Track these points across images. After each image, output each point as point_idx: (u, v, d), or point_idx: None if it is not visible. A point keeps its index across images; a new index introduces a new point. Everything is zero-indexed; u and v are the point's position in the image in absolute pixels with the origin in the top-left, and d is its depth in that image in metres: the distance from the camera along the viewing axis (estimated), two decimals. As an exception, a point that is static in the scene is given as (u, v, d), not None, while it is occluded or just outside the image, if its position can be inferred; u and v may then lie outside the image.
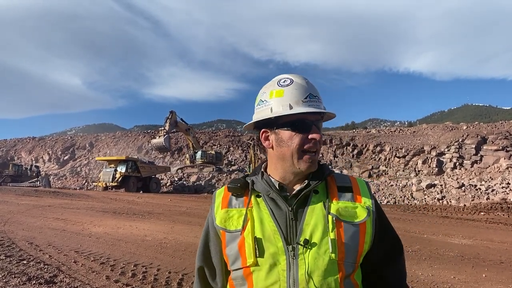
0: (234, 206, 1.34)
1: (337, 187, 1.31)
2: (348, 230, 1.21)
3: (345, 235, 1.20)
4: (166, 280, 5.52)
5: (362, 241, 1.23)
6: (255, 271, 1.21)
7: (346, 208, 1.24)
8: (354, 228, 1.22)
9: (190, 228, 10.26)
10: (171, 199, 20.37)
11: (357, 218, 1.24)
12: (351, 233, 1.21)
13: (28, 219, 10.82)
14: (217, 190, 1.45)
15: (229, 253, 1.28)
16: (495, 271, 6.60)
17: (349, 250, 1.20)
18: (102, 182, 32.03)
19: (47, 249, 7.18)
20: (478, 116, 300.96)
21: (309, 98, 1.28)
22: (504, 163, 33.07)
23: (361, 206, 1.26)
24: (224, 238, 1.31)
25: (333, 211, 1.23)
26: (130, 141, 58.60)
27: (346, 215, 1.23)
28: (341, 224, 1.21)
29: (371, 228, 1.26)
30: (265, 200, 1.30)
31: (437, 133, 43.61)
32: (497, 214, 15.74)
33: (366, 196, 1.30)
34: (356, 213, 1.24)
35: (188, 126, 39.06)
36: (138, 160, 34.97)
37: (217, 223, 1.33)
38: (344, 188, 1.31)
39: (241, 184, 1.34)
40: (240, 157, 46.26)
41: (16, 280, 5.20)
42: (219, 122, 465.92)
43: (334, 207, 1.24)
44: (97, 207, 14.83)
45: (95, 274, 5.71)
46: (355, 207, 1.26)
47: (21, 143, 64.01)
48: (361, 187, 1.32)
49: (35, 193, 20.72)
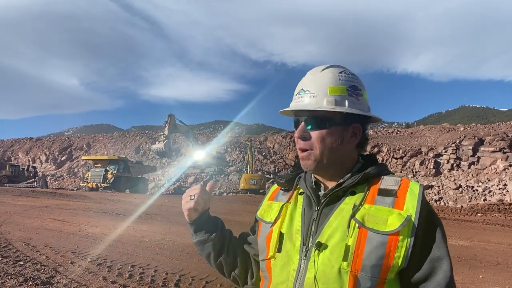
0: (278, 200, 1.35)
1: (379, 189, 1.14)
2: (372, 240, 1.05)
3: (367, 245, 1.05)
4: (163, 281, 5.51)
5: (390, 254, 1.04)
6: (273, 266, 1.21)
7: (377, 214, 1.08)
8: (381, 238, 1.05)
9: (187, 229, 10.09)
10: (168, 200, 20.33)
11: (387, 227, 1.05)
12: (376, 244, 1.05)
13: (25, 220, 10.78)
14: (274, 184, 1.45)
15: (260, 243, 1.31)
16: (492, 272, 6.62)
17: (368, 263, 1.04)
18: (91, 183, 31.17)
19: (44, 250, 7.15)
20: (476, 118, 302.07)
21: (298, 94, 1.22)
22: (501, 165, 33.19)
23: (397, 213, 1.07)
24: (259, 228, 1.34)
25: (358, 216, 1.09)
26: (127, 141, 58.53)
27: (373, 221, 1.07)
28: (365, 231, 1.06)
29: (408, 241, 1.04)
30: (304, 197, 1.27)
31: (435, 134, 43.75)
32: (494, 215, 15.79)
33: (411, 203, 1.08)
34: (387, 221, 1.06)
35: (187, 127, 38.93)
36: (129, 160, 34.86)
37: (258, 213, 1.38)
38: (387, 191, 1.12)
39: (288, 180, 1.34)
40: (238, 158, 46.24)
41: (12, 281, 5.18)
42: (217, 123, 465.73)
43: (363, 211, 1.10)
44: (94, 208, 14.78)
45: (92, 275, 5.69)
46: (390, 213, 1.07)
47: (18, 144, 63.79)
48: (409, 191, 1.11)
49: (32, 194, 20.65)
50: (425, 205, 1.09)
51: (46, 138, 68.26)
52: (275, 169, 41.63)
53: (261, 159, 44.83)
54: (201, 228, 1.40)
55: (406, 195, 1.10)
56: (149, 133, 64.43)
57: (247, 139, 53.08)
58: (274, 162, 44.51)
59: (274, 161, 44.83)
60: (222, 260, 1.39)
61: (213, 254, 1.39)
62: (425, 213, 1.08)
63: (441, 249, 1.07)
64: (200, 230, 1.40)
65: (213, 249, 1.39)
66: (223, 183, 37.32)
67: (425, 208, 1.09)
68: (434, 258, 1.07)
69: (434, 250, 1.07)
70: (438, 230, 1.10)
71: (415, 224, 1.05)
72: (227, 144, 50.17)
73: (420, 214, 1.07)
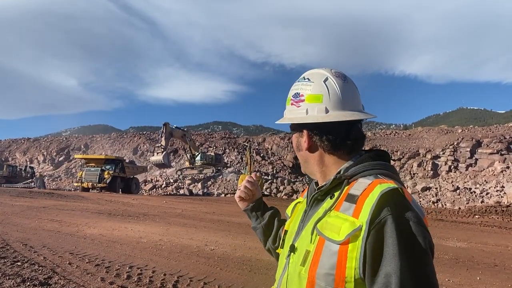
0: (304, 197, 1.38)
1: (348, 194, 1.08)
2: (327, 248, 1.02)
3: (323, 253, 1.03)
4: (161, 282, 5.51)
5: (342, 264, 0.99)
6: (280, 258, 1.33)
7: (334, 222, 1.04)
8: (333, 247, 1.01)
9: (185, 230, 10.24)
10: (166, 201, 20.32)
11: (339, 236, 1.00)
12: (329, 253, 1.01)
13: (22, 221, 10.75)
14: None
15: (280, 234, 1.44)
16: (489, 274, 6.65)
17: (322, 271, 1.01)
18: (87, 183, 30.07)
19: (42, 251, 7.14)
20: (473, 120, 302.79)
21: None
22: (498, 167, 33.30)
23: (350, 222, 1.00)
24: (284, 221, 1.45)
25: (320, 223, 1.08)
26: (125, 142, 58.45)
27: (329, 229, 1.04)
28: (322, 240, 1.05)
29: (358, 252, 0.98)
30: None
31: (432, 136, 43.87)
32: (491, 217, 15.83)
33: (367, 210, 0.99)
34: (340, 230, 1.01)
35: (183, 132, 38.68)
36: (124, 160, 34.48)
37: (287, 209, 1.46)
38: (351, 196, 1.06)
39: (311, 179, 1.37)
40: (236, 159, 46.24)
41: (10, 282, 5.17)
42: (215, 124, 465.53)
43: (327, 218, 1.07)
44: (92, 209, 14.75)
45: (90, 276, 5.69)
46: (344, 221, 1.02)
47: (16, 144, 63.65)
48: (370, 197, 1.01)
49: (29, 194, 20.58)
50: (378, 211, 0.97)
51: (44, 139, 68.13)
52: (273, 170, 41.67)
53: (259, 160, 44.86)
54: (252, 215, 1.59)
55: (365, 201, 1.01)
56: (147, 133, 64.40)
57: (245, 140, 53.13)
58: (272, 163, 44.53)
59: (272, 162, 44.85)
60: (270, 247, 1.54)
61: (263, 240, 1.57)
62: (378, 221, 0.97)
63: (391, 264, 0.94)
64: (252, 217, 1.59)
65: (261, 236, 1.56)
66: (221, 184, 37.31)
67: (379, 215, 0.97)
68: (387, 273, 0.94)
69: (385, 265, 0.95)
70: (392, 242, 0.95)
71: (365, 235, 0.97)
72: (225, 145, 50.20)
73: (370, 223, 0.97)
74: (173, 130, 35.76)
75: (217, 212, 15.40)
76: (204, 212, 15.21)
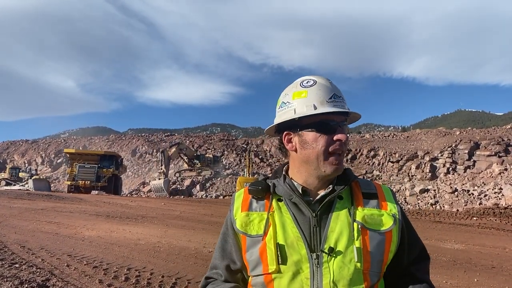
0: (254, 209, 1.28)
1: (362, 193, 1.26)
2: (373, 239, 1.17)
3: (371, 244, 1.17)
4: (159, 284, 5.50)
5: (387, 250, 1.20)
6: (277, 278, 1.17)
7: (372, 216, 1.20)
8: (380, 236, 1.19)
9: (183, 232, 10.23)
10: (164, 203, 20.30)
11: (383, 226, 1.20)
12: (377, 242, 1.18)
13: (20, 223, 10.73)
14: (237, 192, 1.38)
15: (249, 258, 1.23)
16: (487, 276, 6.66)
17: (375, 260, 1.17)
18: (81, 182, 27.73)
19: (40, 253, 7.13)
20: (471, 122, 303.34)
21: (334, 98, 1.23)
22: (496, 169, 33.37)
23: (387, 214, 1.22)
24: (244, 243, 1.25)
25: (358, 219, 1.18)
26: (124, 144, 58.44)
27: (372, 223, 1.19)
28: (367, 232, 1.17)
29: (397, 237, 1.22)
30: (287, 204, 1.25)
31: (431, 138, 43.95)
32: (489, 219, 15.84)
33: (392, 203, 1.26)
34: (382, 221, 1.20)
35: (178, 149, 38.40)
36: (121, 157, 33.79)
37: (238, 226, 1.26)
38: (370, 194, 1.26)
39: (262, 187, 1.29)
40: (234, 161, 46.24)
41: (8, 283, 5.16)
42: (214, 126, 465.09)
43: (360, 214, 1.20)
44: (90, 211, 14.73)
45: (88, 278, 5.68)
46: (381, 214, 1.22)
47: (14, 146, 63.55)
48: (386, 194, 1.28)
49: (27, 196, 20.55)
50: (399, 205, 1.29)
51: (42, 141, 68.06)
52: (272, 172, 41.65)
53: (258, 162, 44.87)
54: None
55: (385, 197, 1.28)
56: (145, 135, 64.38)
57: (243, 142, 53.14)
58: (270, 165, 44.55)
59: (271, 164, 44.88)
60: None
61: None
62: (401, 211, 1.28)
63: (419, 240, 1.34)
64: None
65: None
66: (219, 186, 37.29)
67: (400, 207, 1.29)
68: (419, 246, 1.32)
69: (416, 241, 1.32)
70: (410, 224, 1.33)
71: (400, 221, 1.26)
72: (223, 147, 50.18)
73: (401, 213, 1.27)
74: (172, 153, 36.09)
75: (215, 214, 15.38)
76: (202, 214, 15.20)
